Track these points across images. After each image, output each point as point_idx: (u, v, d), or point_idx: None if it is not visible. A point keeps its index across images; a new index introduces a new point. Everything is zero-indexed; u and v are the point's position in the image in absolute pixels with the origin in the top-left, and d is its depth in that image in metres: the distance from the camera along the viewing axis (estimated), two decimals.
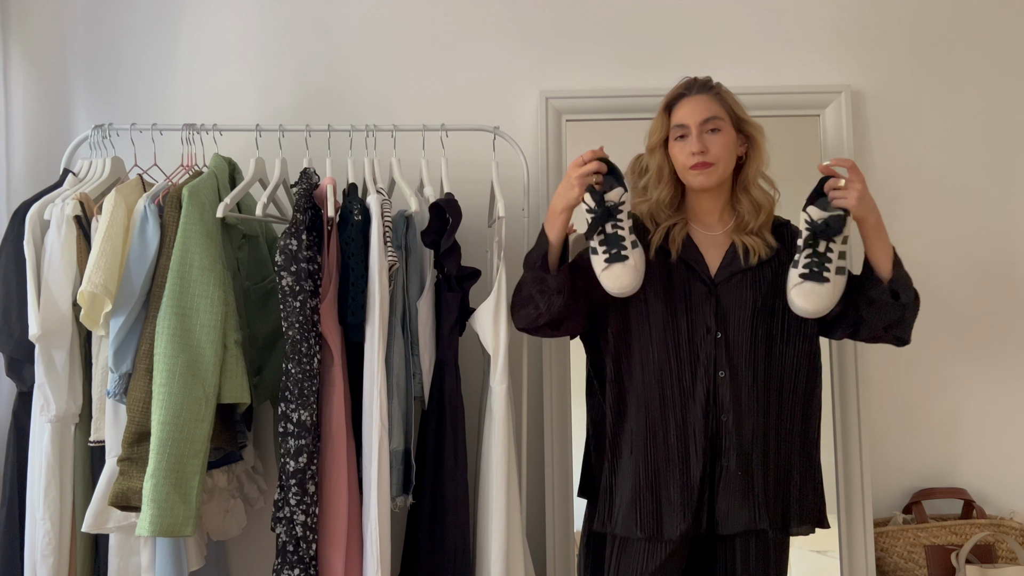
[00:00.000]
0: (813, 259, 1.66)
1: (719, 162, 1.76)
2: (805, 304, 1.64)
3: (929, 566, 2.13)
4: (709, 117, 1.76)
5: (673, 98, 1.81)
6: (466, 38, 2.36)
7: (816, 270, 1.65)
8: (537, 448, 2.22)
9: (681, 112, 1.78)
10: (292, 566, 1.74)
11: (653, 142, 1.83)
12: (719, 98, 1.79)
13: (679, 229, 1.81)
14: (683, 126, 1.77)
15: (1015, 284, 2.31)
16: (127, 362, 1.81)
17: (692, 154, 1.75)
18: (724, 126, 1.77)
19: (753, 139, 1.81)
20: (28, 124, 2.35)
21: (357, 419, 1.85)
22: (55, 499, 1.87)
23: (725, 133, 1.77)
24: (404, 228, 1.98)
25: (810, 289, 1.64)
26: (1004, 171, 2.33)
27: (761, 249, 1.78)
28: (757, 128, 1.81)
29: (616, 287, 1.68)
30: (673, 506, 1.71)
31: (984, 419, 2.30)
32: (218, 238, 1.83)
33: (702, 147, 1.74)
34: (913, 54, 2.35)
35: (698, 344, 1.75)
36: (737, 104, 1.81)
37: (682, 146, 1.77)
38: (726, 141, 1.77)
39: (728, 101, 1.80)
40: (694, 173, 1.76)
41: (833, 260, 1.66)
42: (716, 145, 1.76)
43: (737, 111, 1.80)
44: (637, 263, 1.68)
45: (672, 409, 1.74)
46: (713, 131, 1.76)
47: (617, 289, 1.68)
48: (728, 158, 1.78)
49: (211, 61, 2.36)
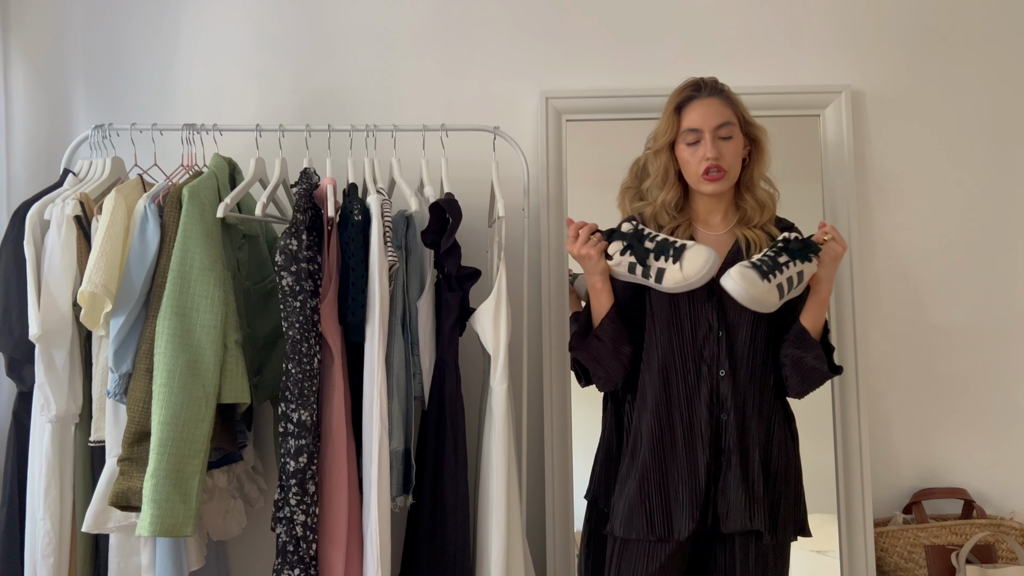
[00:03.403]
0: (768, 261, 1.68)
1: (731, 168, 1.77)
2: (735, 284, 1.64)
3: (929, 566, 2.13)
4: (723, 123, 1.76)
5: (683, 99, 1.79)
6: (466, 38, 2.36)
7: (765, 269, 1.66)
8: (537, 448, 2.22)
9: (693, 115, 1.77)
10: (292, 566, 1.74)
11: (661, 144, 1.81)
12: (730, 102, 1.79)
13: (683, 231, 1.81)
14: (696, 131, 1.76)
15: (1015, 283, 2.31)
16: (127, 362, 1.81)
17: (706, 160, 1.74)
18: (735, 132, 1.77)
19: (758, 141, 1.81)
20: (28, 124, 2.35)
21: (357, 419, 1.85)
22: (55, 499, 1.87)
23: (736, 139, 1.77)
24: (404, 228, 1.98)
25: (750, 276, 1.64)
26: (1004, 171, 2.33)
27: (763, 242, 1.78)
28: (762, 130, 1.81)
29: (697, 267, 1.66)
30: (682, 505, 1.71)
31: (984, 419, 2.30)
32: (218, 238, 1.83)
33: (717, 153, 1.73)
34: (913, 54, 2.35)
35: (701, 343, 1.75)
36: (743, 107, 1.82)
37: (694, 151, 1.76)
38: (737, 147, 1.78)
39: (737, 104, 1.80)
40: (707, 180, 1.76)
41: (784, 272, 1.67)
42: (729, 152, 1.76)
43: (744, 114, 1.80)
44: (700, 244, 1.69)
45: (679, 408, 1.75)
46: (725, 138, 1.76)
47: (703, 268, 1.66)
48: (738, 163, 1.79)
49: (211, 61, 2.36)
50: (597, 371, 1.81)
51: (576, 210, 2.26)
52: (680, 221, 1.82)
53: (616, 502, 1.79)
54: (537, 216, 2.26)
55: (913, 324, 2.31)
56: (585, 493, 1.99)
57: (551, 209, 2.26)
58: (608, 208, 2.13)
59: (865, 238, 2.29)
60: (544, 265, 2.24)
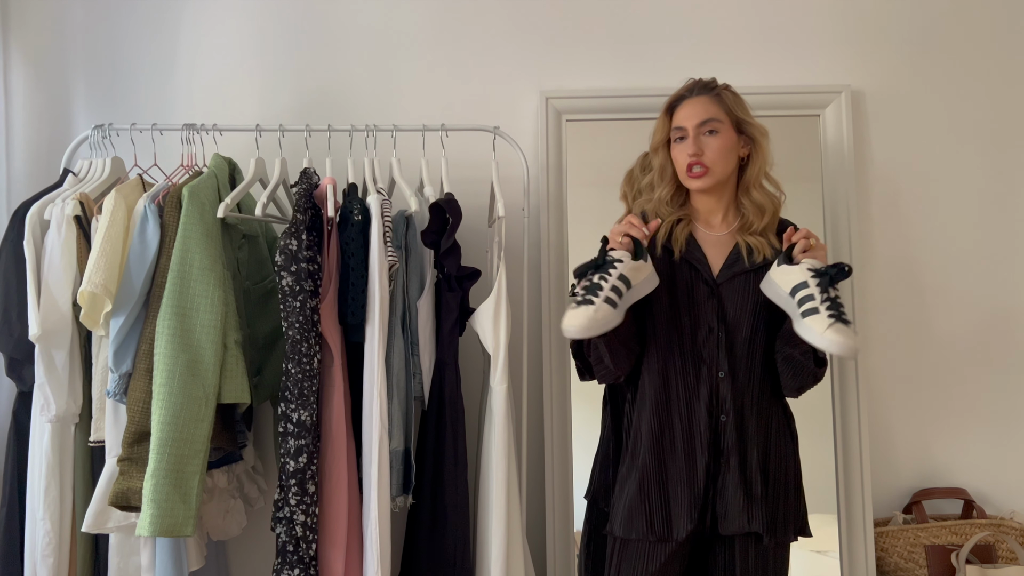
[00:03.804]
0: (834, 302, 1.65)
1: (715, 165, 1.76)
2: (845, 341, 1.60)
3: (929, 566, 2.13)
4: (706, 119, 1.76)
5: (675, 100, 1.83)
6: (466, 38, 2.36)
7: (841, 312, 1.64)
8: (537, 448, 2.22)
9: (680, 114, 1.80)
10: (292, 566, 1.74)
11: (655, 143, 1.85)
12: (719, 99, 1.79)
13: (682, 228, 1.81)
14: (681, 128, 1.78)
15: (1015, 283, 2.31)
16: (127, 362, 1.81)
17: (688, 156, 1.76)
18: (722, 128, 1.77)
19: (756, 141, 1.80)
20: (28, 124, 2.35)
21: (357, 419, 1.85)
22: (55, 499, 1.87)
23: (723, 135, 1.77)
24: (404, 228, 1.98)
25: (843, 329, 1.63)
26: (1004, 170, 2.33)
27: (765, 249, 1.78)
28: (760, 130, 1.81)
29: (569, 325, 1.61)
30: (681, 506, 1.71)
31: (984, 419, 2.30)
32: (218, 238, 1.83)
33: (697, 149, 1.75)
34: (913, 54, 2.35)
35: (701, 344, 1.75)
36: (739, 105, 1.81)
37: (681, 148, 1.79)
38: (724, 143, 1.77)
39: (728, 102, 1.80)
40: (690, 177, 1.77)
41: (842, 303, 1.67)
42: (712, 148, 1.76)
43: (738, 112, 1.80)
44: (598, 315, 1.60)
45: (678, 409, 1.75)
46: (711, 132, 1.76)
47: (570, 327, 1.61)
48: (725, 160, 1.78)
49: (211, 61, 2.36)
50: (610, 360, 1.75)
51: (576, 210, 2.27)
52: (680, 215, 1.82)
53: (616, 502, 1.79)
54: (537, 216, 2.26)
55: (913, 324, 2.31)
56: (585, 493, 1.99)
57: (551, 209, 2.26)
58: (608, 208, 2.13)
59: (865, 238, 2.29)
60: (544, 265, 2.24)
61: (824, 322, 1.61)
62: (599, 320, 1.60)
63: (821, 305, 1.63)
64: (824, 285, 1.65)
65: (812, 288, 1.65)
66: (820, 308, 1.63)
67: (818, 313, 1.63)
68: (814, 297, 1.65)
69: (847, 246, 2.24)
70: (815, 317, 1.62)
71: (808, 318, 1.62)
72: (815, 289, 1.65)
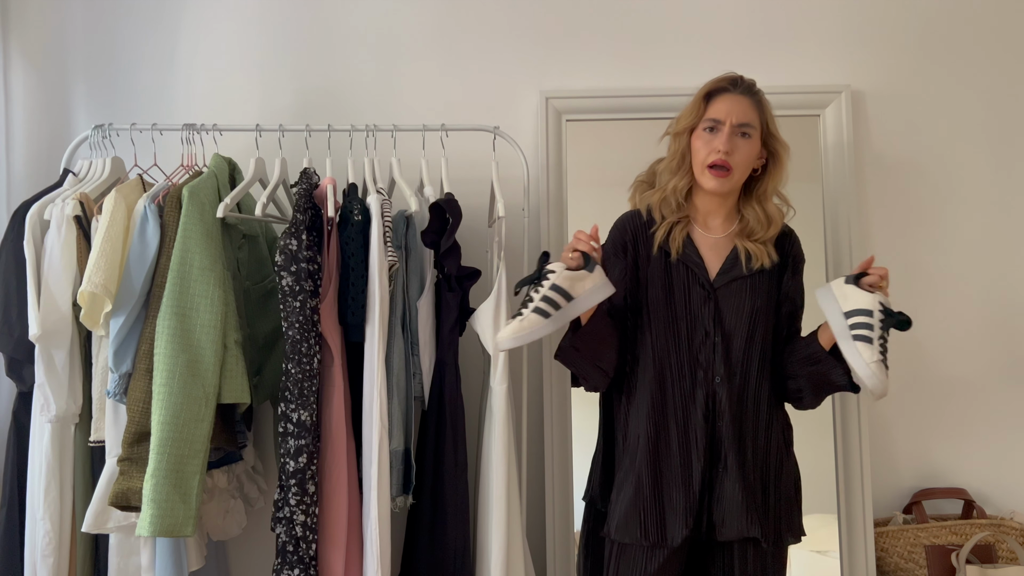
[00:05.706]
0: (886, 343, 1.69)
1: (738, 168, 1.75)
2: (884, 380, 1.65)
3: (929, 566, 2.13)
4: (745, 122, 1.75)
5: (714, 89, 1.78)
6: (466, 38, 2.36)
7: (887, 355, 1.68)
8: (537, 448, 2.22)
9: (719, 106, 1.76)
10: (292, 566, 1.74)
11: (682, 126, 1.79)
12: (759, 106, 1.78)
13: (680, 229, 1.80)
14: (717, 121, 1.74)
15: (1016, 284, 2.31)
16: (127, 362, 1.81)
17: (716, 151, 1.73)
18: (754, 135, 1.76)
19: (777, 155, 1.80)
20: (28, 124, 2.35)
21: (357, 419, 1.85)
22: (55, 499, 1.87)
23: (753, 141, 1.76)
24: (404, 228, 1.98)
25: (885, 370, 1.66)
26: (1005, 171, 2.33)
27: (764, 258, 1.77)
28: (783, 145, 1.80)
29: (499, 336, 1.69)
30: (676, 511, 1.71)
31: (984, 419, 2.30)
32: (218, 238, 1.83)
33: (730, 148, 1.72)
34: (913, 54, 2.35)
35: (697, 348, 1.75)
36: (771, 117, 1.80)
37: (708, 139, 1.75)
38: (751, 150, 1.76)
39: (766, 112, 1.79)
40: (710, 174, 1.74)
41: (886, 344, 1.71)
42: (741, 151, 1.74)
43: (770, 124, 1.79)
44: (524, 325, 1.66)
45: (674, 414, 1.74)
46: (744, 135, 1.74)
47: (500, 338, 1.68)
48: (747, 167, 1.78)
49: (211, 61, 2.36)
50: (580, 375, 1.82)
51: (576, 210, 2.27)
52: (679, 217, 1.81)
53: (613, 506, 1.78)
54: (537, 216, 2.26)
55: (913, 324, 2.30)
56: (584, 494, 1.99)
57: (551, 209, 2.26)
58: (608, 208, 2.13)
59: (864, 238, 2.29)
60: None
61: (874, 354, 1.65)
62: (525, 329, 1.66)
63: (877, 340, 1.68)
64: (887, 325, 1.70)
65: (874, 319, 1.69)
66: (875, 340, 1.67)
67: (871, 344, 1.67)
68: (872, 328, 1.68)
69: (847, 246, 2.24)
70: (867, 345, 1.66)
71: (860, 343, 1.66)
72: (877, 322, 1.69)
